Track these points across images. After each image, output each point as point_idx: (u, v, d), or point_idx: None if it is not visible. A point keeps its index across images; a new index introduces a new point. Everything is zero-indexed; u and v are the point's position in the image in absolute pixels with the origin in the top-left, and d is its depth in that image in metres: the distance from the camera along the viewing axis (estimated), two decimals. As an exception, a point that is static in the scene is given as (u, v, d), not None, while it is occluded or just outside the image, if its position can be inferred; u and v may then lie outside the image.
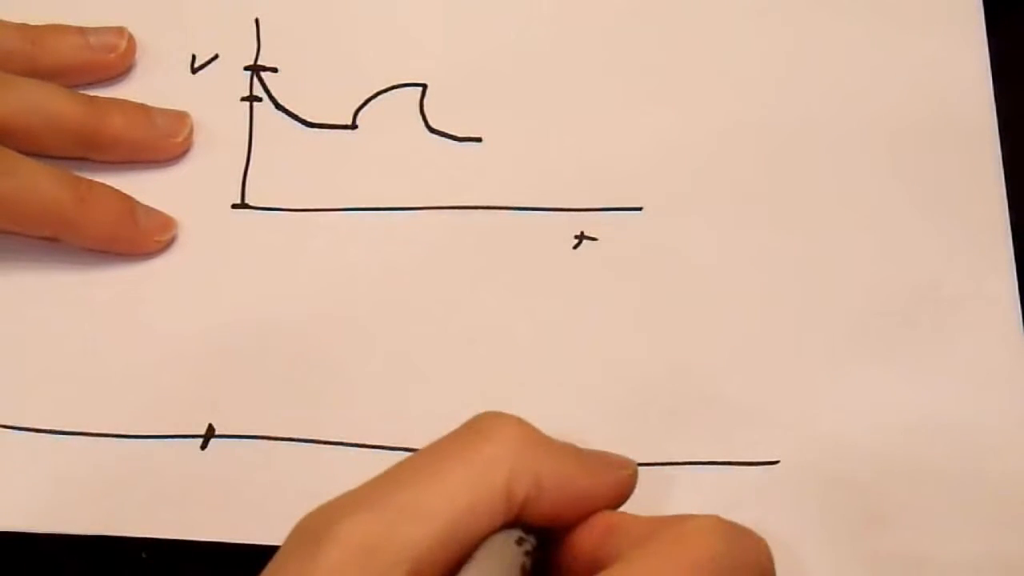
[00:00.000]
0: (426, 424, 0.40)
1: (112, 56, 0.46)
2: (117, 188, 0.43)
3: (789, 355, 0.41)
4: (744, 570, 0.29)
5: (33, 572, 0.39)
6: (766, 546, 0.29)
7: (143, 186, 0.44)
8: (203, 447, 0.40)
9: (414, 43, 0.47)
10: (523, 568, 0.29)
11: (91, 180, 0.43)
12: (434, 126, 0.46)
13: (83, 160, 0.44)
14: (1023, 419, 0.40)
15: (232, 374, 0.41)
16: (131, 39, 0.46)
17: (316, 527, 0.28)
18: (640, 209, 0.44)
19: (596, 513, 0.30)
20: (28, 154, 0.42)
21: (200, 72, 0.47)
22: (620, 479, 0.31)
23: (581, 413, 0.40)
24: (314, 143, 0.45)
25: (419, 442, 0.39)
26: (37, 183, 0.41)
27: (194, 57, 0.47)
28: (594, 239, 0.43)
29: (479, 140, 0.45)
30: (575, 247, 0.43)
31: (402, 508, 0.28)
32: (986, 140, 0.44)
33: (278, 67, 0.47)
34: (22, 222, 0.42)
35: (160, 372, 0.41)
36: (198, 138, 0.45)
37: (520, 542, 0.29)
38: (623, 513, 0.31)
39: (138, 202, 0.43)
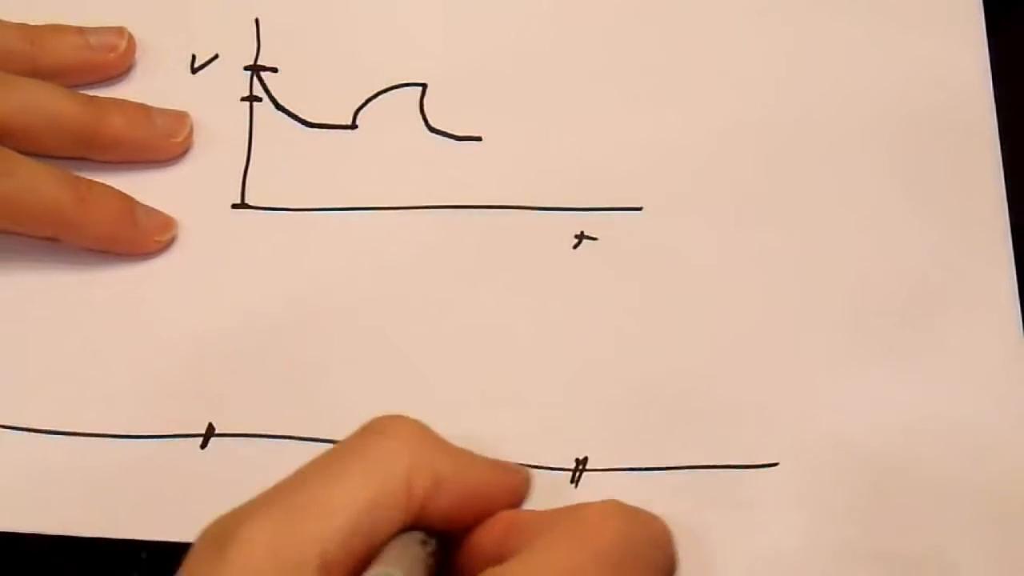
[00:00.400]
0: (426, 423, 0.40)
1: (112, 56, 0.46)
2: (117, 188, 0.43)
3: (789, 356, 0.41)
4: (644, 550, 0.29)
5: (33, 573, 0.39)
6: (664, 524, 0.30)
7: (143, 186, 0.44)
8: (203, 447, 0.40)
9: (414, 43, 0.47)
10: (428, 568, 0.29)
11: (91, 180, 0.43)
12: (434, 126, 0.46)
13: (83, 160, 0.44)
14: (1022, 419, 0.40)
15: (232, 374, 0.41)
16: (131, 39, 0.46)
17: (221, 532, 0.28)
18: (640, 209, 0.44)
19: (496, 513, 0.31)
20: (28, 154, 0.42)
21: (200, 72, 0.47)
22: (516, 479, 0.32)
23: (580, 414, 0.40)
24: (314, 143, 0.45)
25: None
26: (37, 183, 0.41)
27: (194, 57, 0.47)
28: (594, 239, 0.43)
29: (479, 140, 0.45)
30: (575, 247, 0.43)
31: (305, 506, 0.28)
32: (986, 140, 0.44)
33: (278, 67, 0.47)
34: (22, 222, 0.42)
35: (160, 372, 0.41)
36: (198, 138, 0.45)
37: (424, 543, 0.30)
38: (523, 510, 0.31)
39: (138, 202, 0.43)
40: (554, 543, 0.28)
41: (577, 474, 0.39)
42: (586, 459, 0.39)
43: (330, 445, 0.39)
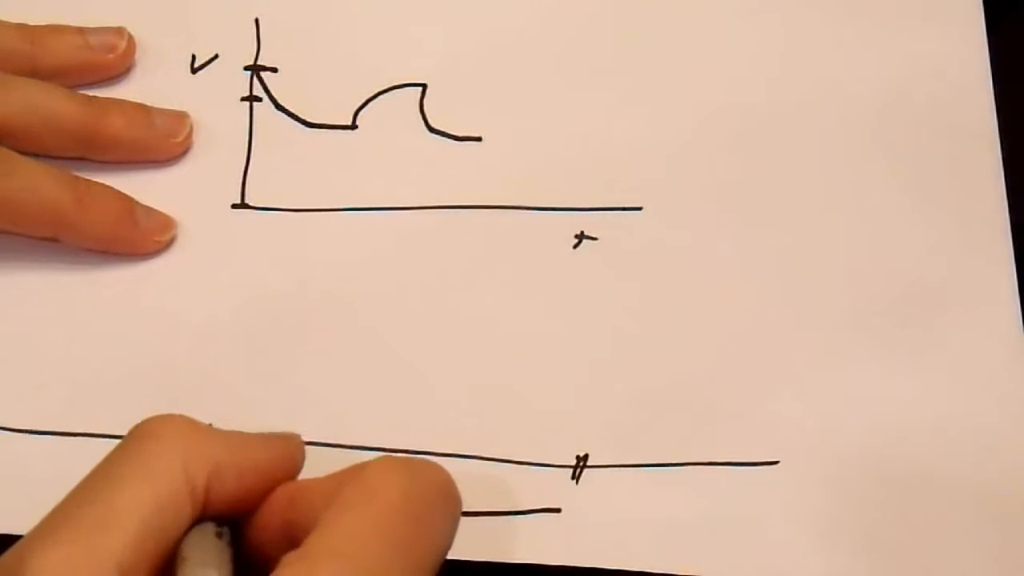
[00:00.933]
0: (426, 425, 0.40)
1: (112, 56, 0.46)
2: (117, 188, 0.43)
3: (789, 354, 0.41)
4: (432, 499, 0.29)
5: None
6: (444, 470, 0.30)
7: (143, 186, 0.44)
8: (203, 447, 0.40)
9: (414, 43, 0.47)
10: (230, 557, 0.30)
11: (91, 180, 0.43)
12: (434, 126, 0.46)
13: (83, 160, 0.44)
14: (1022, 419, 0.40)
15: (232, 374, 0.41)
16: (131, 39, 0.46)
17: (13, 565, 0.27)
18: (640, 209, 0.44)
19: (276, 488, 0.31)
20: (28, 154, 0.42)
21: (200, 72, 0.47)
22: (289, 447, 0.32)
23: (580, 414, 0.40)
24: (314, 143, 0.45)
25: (419, 443, 0.40)
26: (37, 184, 0.41)
27: (194, 57, 0.47)
28: (594, 239, 0.43)
29: (479, 140, 0.45)
30: (575, 247, 0.43)
31: (92, 523, 0.28)
32: (986, 140, 0.44)
33: (278, 67, 0.47)
34: (22, 222, 0.42)
35: (160, 372, 0.41)
36: (198, 138, 0.45)
37: (219, 535, 0.30)
38: (302, 480, 0.31)
39: (138, 202, 0.43)
40: (344, 512, 0.28)
41: (578, 471, 0.39)
42: (587, 456, 0.39)
43: (330, 447, 0.40)
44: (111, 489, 0.29)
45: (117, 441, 0.39)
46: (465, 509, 0.31)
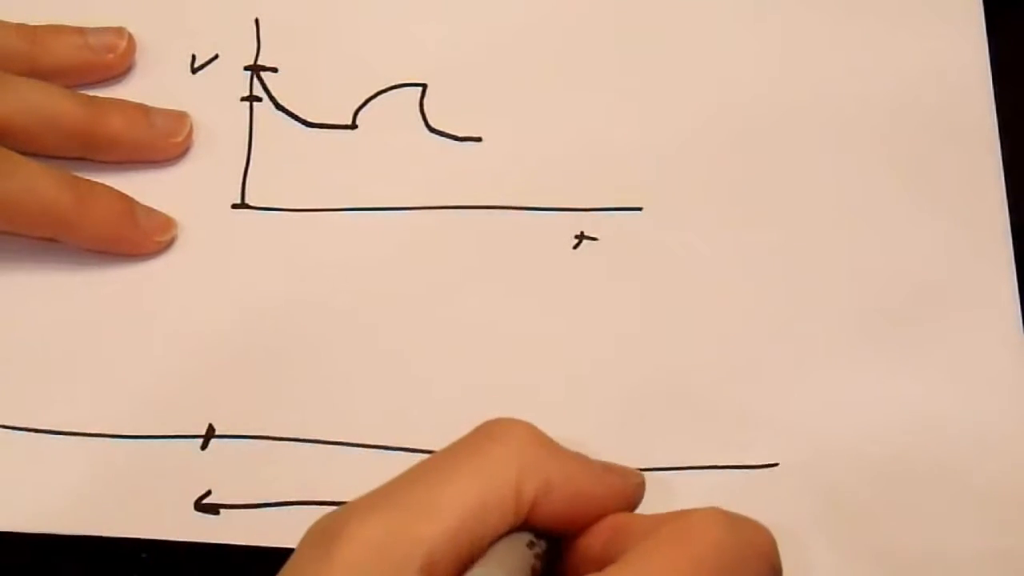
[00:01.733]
0: (427, 424, 0.40)
1: (112, 56, 0.46)
2: (117, 188, 0.43)
3: (789, 355, 0.41)
4: (750, 559, 0.29)
5: (33, 573, 0.39)
6: (769, 534, 0.30)
7: (143, 186, 0.44)
8: (203, 447, 0.40)
9: (414, 43, 0.47)
10: (533, 570, 0.29)
11: (91, 180, 0.43)
12: (434, 126, 0.46)
13: (83, 160, 0.44)
14: (1022, 419, 0.40)
15: (232, 374, 0.41)
16: (131, 39, 0.46)
17: (330, 527, 0.28)
18: (640, 209, 0.44)
19: (605, 516, 0.31)
20: (28, 154, 0.42)
21: (200, 72, 0.47)
22: (628, 486, 0.32)
23: (580, 414, 0.40)
24: (314, 143, 0.45)
25: (420, 442, 0.40)
26: (37, 184, 0.41)
27: (194, 57, 0.47)
28: (594, 239, 0.43)
29: (479, 140, 0.45)
30: (575, 247, 0.43)
31: (413, 507, 0.28)
32: (986, 140, 0.44)
33: (278, 67, 0.47)
34: (22, 223, 0.42)
35: (160, 372, 0.41)
36: (198, 138, 0.45)
37: (531, 545, 0.30)
38: (631, 514, 0.31)
39: (138, 202, 0.43)
40: (655, 548, 0.28)
41: (577, 472, 0.39)
42: (586, 457, 0.39)
43: (329, 447, 0.40)
44: (441, 480, 0.29)
45: (115, 440, 0.40)
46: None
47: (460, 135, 0.45)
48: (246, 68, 0.47)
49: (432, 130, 0.46)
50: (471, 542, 0.28)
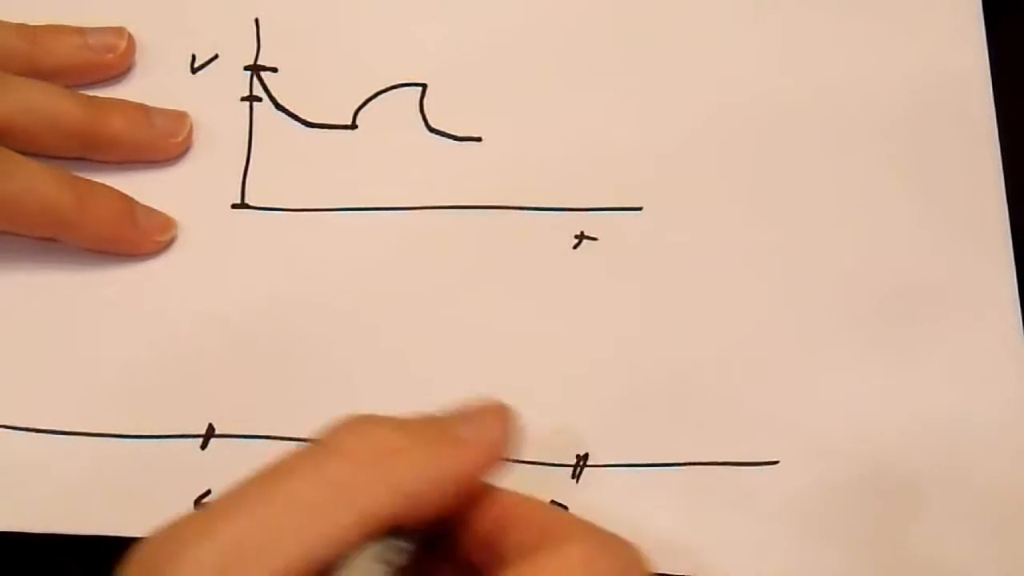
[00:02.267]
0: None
1: (111, 56, 0.46)
2: (117, 188, 0.43)
3: (789, 355, 0.41)
4: None
5: (33, 573, 0.39)
6: (640, 553, 0.29)
7: (143, 186, 0.44)
8: (203, 447, 0.40)
9: (414, 43, 0.47)
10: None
11: (91, 180, 0.43)
12: (434, 126, 0.46)
13: (83, 160, 0.44)
14: (1022, 419, 0.40)
15: (232, 374, 0.41)
16: (131, 39, 0.46)
17: (155, 562, 0.27)
18: (640, 209, 0.44)
19: (488, 493, 0.30)
20: (28, 154, 0.42)
21: (200, 72, 0.47)
22: (488, 438, 0.31)
23: (580, 413, 0.40)
24: (314, 143, 0.45)
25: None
26: (37, 184, 0.41)
27: (194, 57, 0.47)
28: (594, 239, 0.43)
29: (479, 140, 0.45)
30: (575, 247, 0.43)
31: (249, 539, 0.27)
32: (986, 140, 0.44)
33: (278, 67, 0.47)
34: (22, 223, 0.42)
35: (160, 372, 0.41)
36: (198, 138, 0.45)
37: (390, 551, 0.29)
38: (515, 499, 0.31)
39: (138, 202, 0.43)
40: None
41: (578, 470, 0.39)
42: (587, 455, 0.39)
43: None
44: (277, 501, 0.28)
45: (115, 440, 0.40)
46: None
47: (460, 135, 0.45)
48: (246, 68, 0.47)
49: (432, 130, 0.46)
50: (319, 564, 0.27)
